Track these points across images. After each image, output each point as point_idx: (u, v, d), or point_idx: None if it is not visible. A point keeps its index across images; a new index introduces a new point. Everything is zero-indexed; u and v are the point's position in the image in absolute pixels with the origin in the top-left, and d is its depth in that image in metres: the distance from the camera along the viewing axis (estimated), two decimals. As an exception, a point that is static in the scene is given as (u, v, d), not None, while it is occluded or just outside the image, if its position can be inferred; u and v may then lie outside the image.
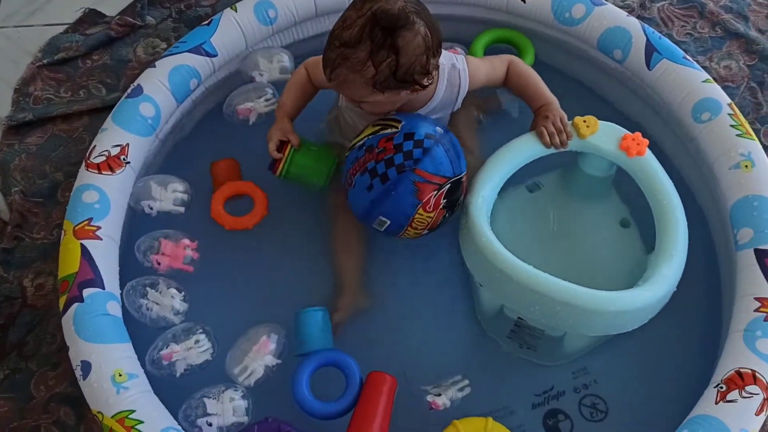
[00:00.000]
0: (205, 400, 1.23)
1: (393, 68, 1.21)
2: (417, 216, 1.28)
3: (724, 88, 1.69)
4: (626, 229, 1.45)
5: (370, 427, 1.20)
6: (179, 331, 1.29)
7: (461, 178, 1.30)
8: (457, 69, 1.38)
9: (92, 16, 1.89)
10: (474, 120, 1.55)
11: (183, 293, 1.32)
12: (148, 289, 1.31)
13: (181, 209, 1.41)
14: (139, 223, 1.44)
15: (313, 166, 1.41)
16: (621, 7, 1.80)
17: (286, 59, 1.55)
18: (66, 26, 1.88)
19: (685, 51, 1.73)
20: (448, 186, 1.27)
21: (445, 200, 1.28)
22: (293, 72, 1.47)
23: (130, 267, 1.38)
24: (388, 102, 1.29)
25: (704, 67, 1.71)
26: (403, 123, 1.28)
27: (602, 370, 1.37)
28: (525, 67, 1.45)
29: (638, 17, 1.81)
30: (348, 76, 1.22)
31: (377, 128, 1.30)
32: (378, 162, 1.26)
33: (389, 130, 1.28)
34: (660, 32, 1.77)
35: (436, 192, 1.26)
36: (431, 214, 1.28)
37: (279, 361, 1.28)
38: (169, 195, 1.41)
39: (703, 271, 1.42)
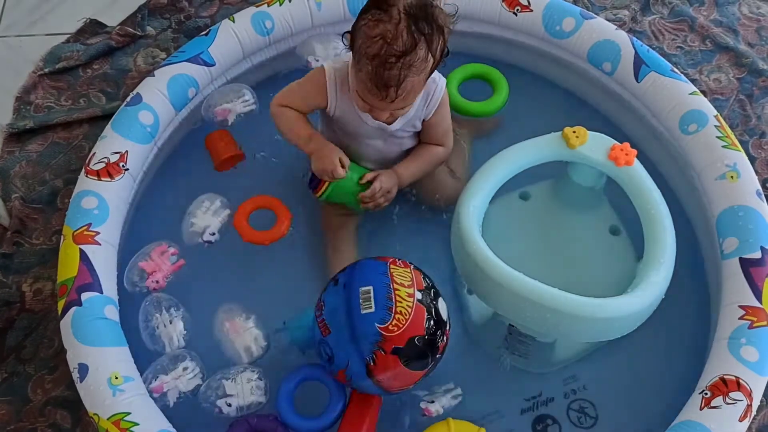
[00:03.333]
0: (224, 381, 1.27)
1: (443, 47, 1.24)
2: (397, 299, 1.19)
3: (714, 100, 1.74)
4: (616, 237, 1.47)
5: None
6: (166, 361, 1.30)
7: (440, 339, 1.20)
8: (436, 82, 1.37)
9: (93, 26, 1.92)
10: (464, 146, 1.56)
11: (186, 332, 1.33)
12: (163, 309, 1.33)
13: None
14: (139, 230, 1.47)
15: (353, 191, 1.41)
16: (613, 21, 1.85)
17: (341, 46, 1.56)
18: (67, 36, 1.91)
19: (675, 64, 1.77)
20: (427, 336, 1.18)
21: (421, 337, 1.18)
22: (277, 117, 1.43)
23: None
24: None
25: (694, 80, 1.76)
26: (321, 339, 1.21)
27: (591, 376, 1.38)
28: (437, 156, 1.46)
29: (630, 31, 1.85)
30: (414, 81, 1.22)
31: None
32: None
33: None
34: (651, 46, 1.81)
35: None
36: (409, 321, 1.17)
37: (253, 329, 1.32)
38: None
39: (690, 279, 1.44)
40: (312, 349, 1.28)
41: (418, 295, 1.18)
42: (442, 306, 1.22)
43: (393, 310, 1.15)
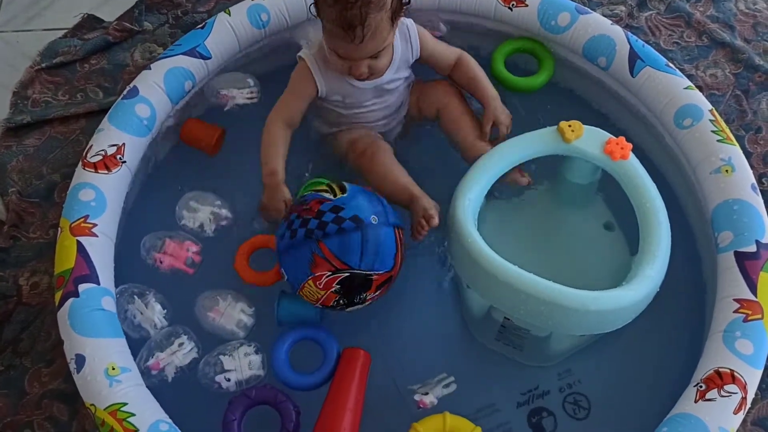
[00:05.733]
0: (221, 357, 1.29)
1: None
2: (307, 285, 1.25)
3: (710, 96, 1.74)
4: (611, 232, 1.48)
5: (345, 399, 1.25)
6: (160, 338, 1.31)
7: (371, 275, 1.25)
8: (404, 24, 1.43)
9: (90, 22, 1.92)
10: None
11: (166, 311, 1.34)
12: (135, 297, 1.34)
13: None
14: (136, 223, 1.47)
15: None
16: (609, 17, 1.85)
17: None
18: (65, 31, 1.91)
19: (671, 59, 1.78)
20: (345, 274, 1.23)
21: (338, 286, 1.24)
22: (264, 130, 1.44)
23: (127, 266, 1.41)
24: (390, 49, 1.35)
25: (690, 75, 1.76)
26: (344, 196, 1.26)
27: (586, 369, 1.39)
28: (474, 62, 1.52)
29: (626, 26, 1.85)
30: (377, 18, 1.25)
31: (322, 188, 1.30)
32: (298, 218, 1.25)
33: (327, 194, 1.27)
34: (647, 41, 1.81)
35: (330, 273, 1.23)
36: (321, 292, 1.25)
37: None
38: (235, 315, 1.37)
39: (686, 272, 1.44)
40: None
41: (320, 305, 1.29)
42: (351, 310, 1.30)
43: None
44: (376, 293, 1.29)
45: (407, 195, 1.39)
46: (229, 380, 1.28)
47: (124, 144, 1.43)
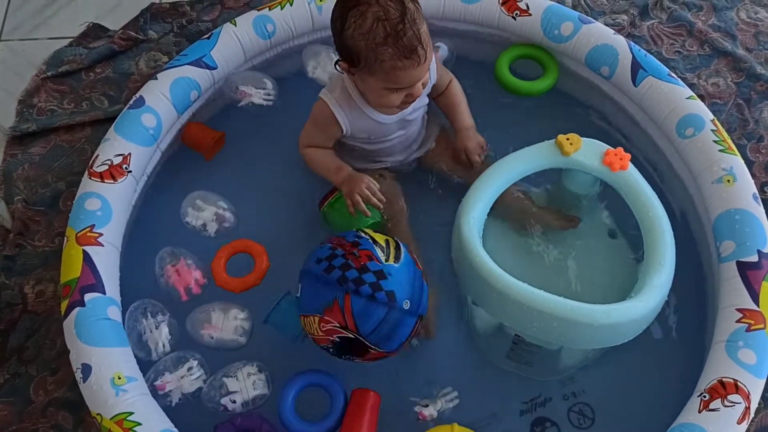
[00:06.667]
0: (225, 379, 1.28)
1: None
2: (311, 318, 1.24)
3: (712, 105, 1.75)
4: (614, 240, 1.49)
5: None
6: (170, 361, 1.31)
7: (371, 349, 1.23)
8: None
9: (96, 30, 1.93)
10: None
11: (172, 337, 1.34)
12: (149, 314, 1.34)
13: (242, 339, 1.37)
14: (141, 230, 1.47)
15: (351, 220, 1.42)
16: (611, 26, 1.86)
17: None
18: (70, 40, 1.93)
19: (673, 68, 1.78)
20: (350, 336, 1.21)
21: (338, 340, 1.23)
22: (307, 157, 1.49)
23: (132, 275, 1.42)
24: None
25: (692, 85, 1.77)
26: (394, 266, 1.23)
27: (590, 378, 1.39)
28: (461, 89, 1.55)
29: (628, 36, 1.86)
30: (425, 29, 1.27)
31: (380, 241, 1.27)
32: (343, 257, 1.23)
33: (381, 253, 1.24)
34: (649, 50, 1.82)
35: (338, 326, 1.21)
36: (320, 333, 1.24)
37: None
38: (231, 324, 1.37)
39: (689, 282, 1.44)
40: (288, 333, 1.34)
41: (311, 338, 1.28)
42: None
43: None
44: (365, 361, 1.28)
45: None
46: (234, 402, 1.27)
47: (130, 154, 1.45)
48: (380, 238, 1.28)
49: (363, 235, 1.28)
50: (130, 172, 1.43)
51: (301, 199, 1.56)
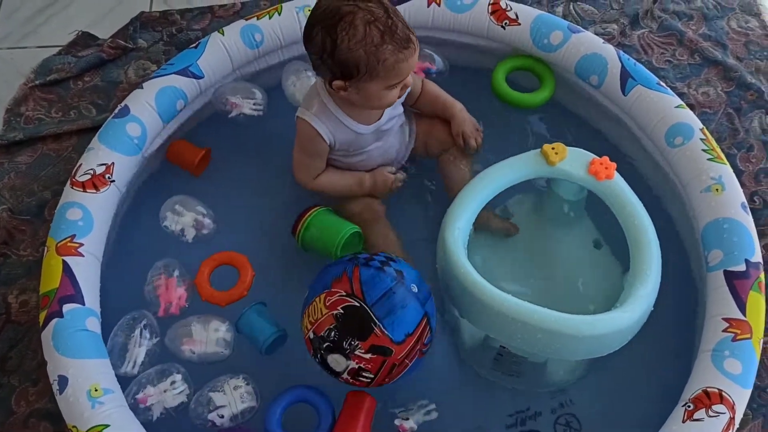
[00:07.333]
0: (211, 394, 1.26)
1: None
2: (316, 301, 1.22)
3: (702, 114, 1.74)
4: (600, 250, 1.48)
5: None
6: (153, 373, 1.28)
7: (374, 326, 1.18)
8: None
9: (85, 39, 1.93)
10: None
11: (147, 358, 1.31)
12: (138, 328, 1.32)
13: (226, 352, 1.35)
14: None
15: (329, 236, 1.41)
16: (602, 35, 1.85)
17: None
18: (59, 48, 1.92)
19: (663, 78, 1.78)
20: (355, 304, 1.18)
21: (342, 312, 1.19)
22: (322, 190, 1.49)
23: (113, 285, 1.41)
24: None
25: (682, 94, 1.76)
26: (402, 261, 1.28)
27: (578, 389, 1.38)
28: (434, 83, 1.56)
29: (618, 45, 1.86)
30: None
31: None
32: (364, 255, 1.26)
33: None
34: (640, 59, 1.81)
35: (343, 294, 1.19)
36: (324, 311, 1.20)
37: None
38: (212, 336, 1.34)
39: (677, 291, 1.43)
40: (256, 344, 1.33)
41: (311, 335, 1.23)
42: (332, 359, 1.20)
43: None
44: (362, 361, 1.19)
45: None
46: (222, 416, 1.24)
47: (113, 163, 1.44)
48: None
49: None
50: (113, 181, 1.43)
51: (288, 209, 1.55)
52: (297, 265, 1.49)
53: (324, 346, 1.20)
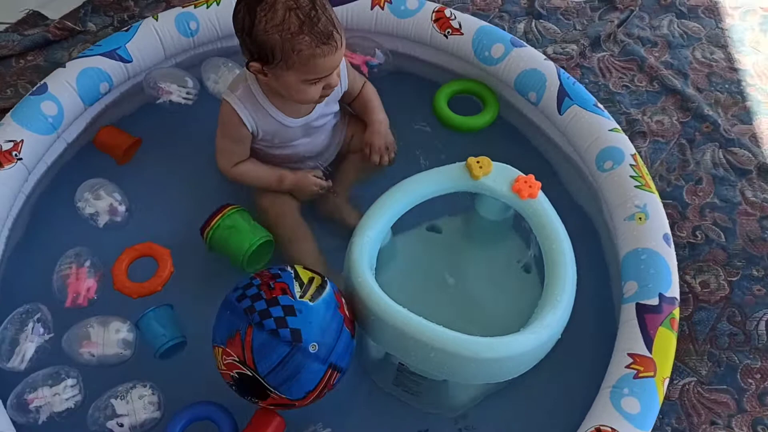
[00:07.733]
0: (112, 401, 1.19)
1: None
2: (217, 349, 1.16)
3: (654, 142, 1.69)
4: (528, 274, 1.42)
5: None
6: (44, 375, 1.21)
7: (270, 392, 1.13)
8: None
9: (34, 18, 1.89)
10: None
11: (38, 352, 1.25)
12: (31, 322, 1.26)
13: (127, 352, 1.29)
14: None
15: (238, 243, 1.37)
16: (560, 54, 1.81)
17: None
18: (7, 26, 1.89)
19: (618, 102, 1.74)
20: (248, 374, 1.12)
21: (237, 377, 1.13)
22: (239, 178, 1.44)
23: (19, 270, 1.37)
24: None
25: (635, 120, 1.71)
26: (309, 304, 1.13)
27: (483, 416, 1.31)
28: (374, 90, 1.51)
29: (576, 66, 1.81)
30: (334, 14, 1.25)
31: (305, 276, 1.17)
32: (258, 288, 1.14)
33: (298, 289, 1.14)
34: (596, 82, 1.77)
35: (236, 360, 1.12)
36: (222, 366, 1.15)
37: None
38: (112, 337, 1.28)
39: (598, 321, 1.37)
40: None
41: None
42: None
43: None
44: (270, 406, 1.18)
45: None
46: (122, 425, 1.17)
47: (22, 141, 1.39)
48: (305, 275, 1.18)
49: (288, 269, 1.18)
50: (20, 159, 1.38)
51: (214, 204, 1.50)
52: (216, 264, 1.44)
53: (232, 388, 1.18)
